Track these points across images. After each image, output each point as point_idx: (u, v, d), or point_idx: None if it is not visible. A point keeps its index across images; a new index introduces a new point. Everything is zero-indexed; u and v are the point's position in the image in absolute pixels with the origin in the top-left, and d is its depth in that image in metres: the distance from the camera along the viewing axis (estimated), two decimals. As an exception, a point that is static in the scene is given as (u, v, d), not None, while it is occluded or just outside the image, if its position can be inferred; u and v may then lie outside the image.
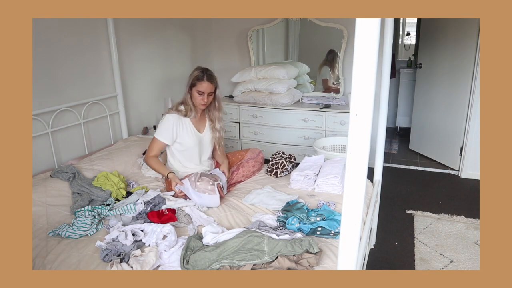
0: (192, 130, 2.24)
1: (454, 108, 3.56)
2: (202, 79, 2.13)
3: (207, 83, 2.14)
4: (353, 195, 0.93)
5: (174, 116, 2.19)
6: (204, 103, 2.18)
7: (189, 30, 3.67)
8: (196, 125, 2.27)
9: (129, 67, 2.95)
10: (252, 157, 2.45)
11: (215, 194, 1.97)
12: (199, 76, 2.14)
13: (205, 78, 2.13)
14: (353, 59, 0.84)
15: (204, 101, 2.17)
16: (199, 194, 1.98)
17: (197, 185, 1.99)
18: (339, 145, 3.17)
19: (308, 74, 3.97)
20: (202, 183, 1.99)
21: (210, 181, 2.00)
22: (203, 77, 2.13)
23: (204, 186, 1.98)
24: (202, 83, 2.13)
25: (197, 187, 1.98)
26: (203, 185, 1.98)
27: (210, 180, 2.02)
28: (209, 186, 1.98)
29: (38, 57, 2.18)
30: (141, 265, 1.43)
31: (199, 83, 2.13)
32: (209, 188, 1.97)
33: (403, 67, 5.02)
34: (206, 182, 2.00)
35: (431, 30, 3.75)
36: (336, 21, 3.55)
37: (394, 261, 2.29)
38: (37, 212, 1.82)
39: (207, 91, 2.15)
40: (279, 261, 1.41)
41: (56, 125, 2.32)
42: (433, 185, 3.37)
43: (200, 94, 2.15)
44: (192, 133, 2.24)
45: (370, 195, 2.12)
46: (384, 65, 2.10)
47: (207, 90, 2.15)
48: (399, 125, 5.07)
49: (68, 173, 2.09)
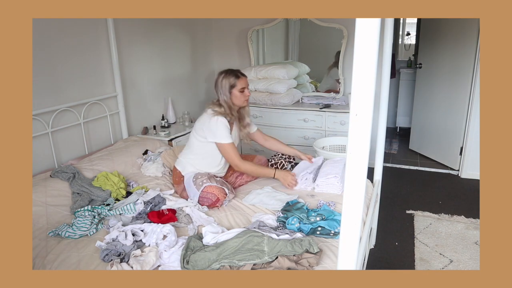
0: (233, 132, 2.24)
1: (454, 108, 3.56)
2: (239, 76, 2.18)
3: (244, 78, 2.20)
4: (353, 195, 0.93)
5: (224, 118, 2.14)
6: (248, 96, 2.22)
7: (189, 30, 3.67)
8: (231, 126, 2.25)
9: (129, 67, 2.95)
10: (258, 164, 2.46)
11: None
12: (235, 76, 2.17)
13: (240, 74, 2.19)
14: (353, 59, 0.84)
15: (247, 95, 2.21)
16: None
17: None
18: (339, 145, 3.16)
19: (308, 74, 3.96)
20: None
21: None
22: (238, 75, 2.18)
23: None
24: (241, 80, 2.17)
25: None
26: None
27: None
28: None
29: (38, 57, 2.18)
30: (141, 265, 1.43)
31: (239, 81, 2.17)
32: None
33: (403, 67, 5.01)
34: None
35: (431, 30, 3.75)
36: (336, 21, 3.55)
37: (394, 261, 2.29)
38: (37, 212, 1.82)
39: (246, 85, 2.20)
40: (279, 261, 1.41)
41: (56, 125, 2.32)
42: (433, 185, 3.37)
43: (242, 91, 2.18)
44: (233, 134, 2.24)
45: (370, 195, 2.12)
46: (384, 65, 2.10)
47: (246, 84, 2.21)
48: (399, 125, 5.07)
49: (68, 173, 2.09)
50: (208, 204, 2.00)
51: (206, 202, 2.00)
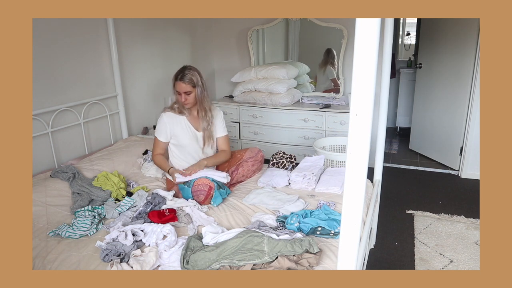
0: (187, 127, 2.27)
1: (454, 108, 3.56)
2: (177, 79, 2.17)
3: (179, 83, 2.17)
4: (353, 195, 0.93)
5: (168, 115, 2.25)
6: (183, 102, 2.21)
7: (189, 30, 3.67)
8: (193, 122, 2.31)
9: (129, 67, 2.95)
10: (251, 156, 2.44)
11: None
12: (176, 75, 2.18)
13: (179, 78, 2.17)
14: (353, 59, 0.84)
15: (182, 100, 2.20)
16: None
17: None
18: (339, 145, 3.17)
19: (308, 74, 3.96)
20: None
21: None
22: (177, 77, 2.17)
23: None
24: (177, 83, 2.18)
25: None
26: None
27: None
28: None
29: (38, 57, 2.18)
30: (141, 265, 1.43)
31: (176, 83, 2.18)
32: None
33: (403, 67, 5.01)
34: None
35: (431, 30, 3.75)
36: (336, 21, 3.55)
37: (394, 261, 2.29)
38: (37, 212, 1.82)
39: (182, 91, 2.17)
40: (279, 261, 1.41)
41: (56, 125, 2.32)
42: (433, 185, 3.37)
43: (178, 94, 2.19)
44: (187, 130, 2.27)
45: (370, 195, 2.12)
46: (384, 65, 2.10)
47: (182, 90, 2.17)
48: (399, 125, 5.07)
49: (68, 173, 2.09)
50: (204, 196, 2.01)
51: (201, 195, 2.01)
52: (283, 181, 2.25)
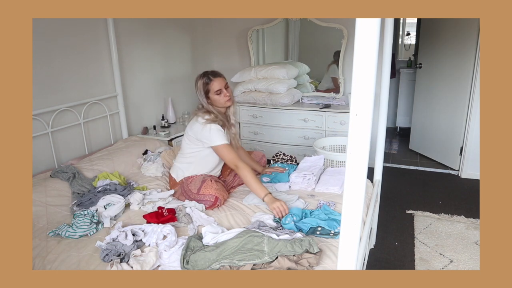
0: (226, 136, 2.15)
1: (454, 108, 3.56)
2: (211, 80, 2.09)
3: (218, 79, 2.10)
4: (353, 195, 0.93)
5: (216, 125, 2.08)
6: (228, 96, 2.12)
7: (189, 30, 3.67)
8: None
9: (129, 67, 2.95)
10: (256, 160, 2.46)
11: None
12: (207, 80, 2.09)
13: (211, 76, 2.09)
14: (353, 59, 0.84)
15: (227, 95, 2.12)
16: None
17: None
18: (339, 145, 3.17)
19: (308, 74, 3.96)
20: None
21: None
22: (210, 77, 2.09)
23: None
24: (214, 82, 2.08)
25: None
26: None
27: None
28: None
29: (38, 57, 2.18)
30: (141, 265, 1.43)
31: (211, 84, 2.08)
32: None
33: (403, 67, 5.01)
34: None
35: (431, 30, 3.75)
36: (336, 21, 3.55)
37: (394, 261, 2.29)
38: (37, 212, 1.82)
39: (223, 85, 2.11)
40: (279, 261, 1.41)
41: (56, 125, 2.32)
42: (433, 185, 3.37)
43: (219, 93, 2.10)
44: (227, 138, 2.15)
45: (370, 195, 2.12)
46: (384, 65, 2.10)
47: (223, 84, 2.11)
48: (399, 125, 5.07)
49: (68, 173, 2.09)
50: (208, 206, 2.00)
51: (207, 204, 2.00)
52: (284, 186, 2.24)
